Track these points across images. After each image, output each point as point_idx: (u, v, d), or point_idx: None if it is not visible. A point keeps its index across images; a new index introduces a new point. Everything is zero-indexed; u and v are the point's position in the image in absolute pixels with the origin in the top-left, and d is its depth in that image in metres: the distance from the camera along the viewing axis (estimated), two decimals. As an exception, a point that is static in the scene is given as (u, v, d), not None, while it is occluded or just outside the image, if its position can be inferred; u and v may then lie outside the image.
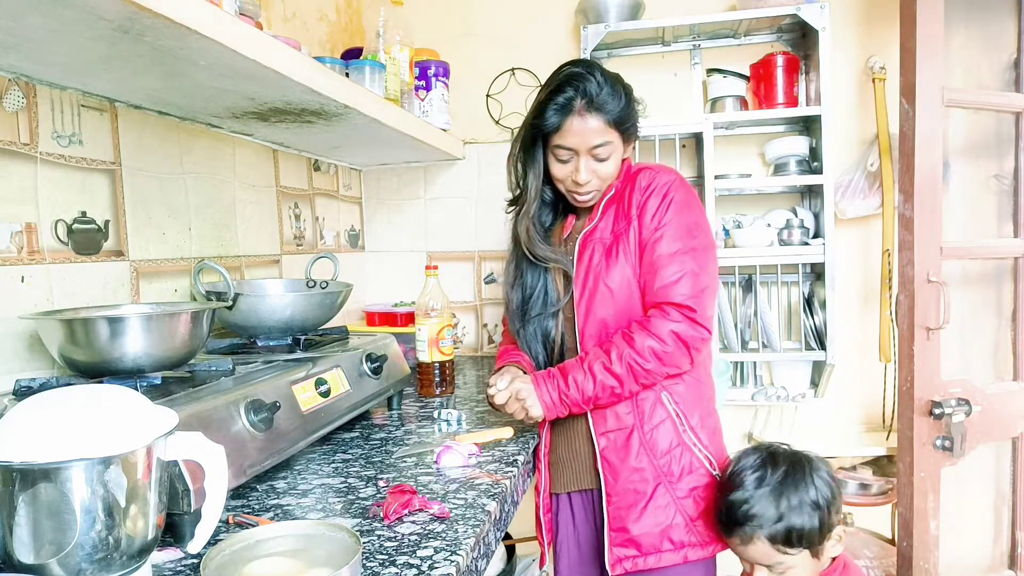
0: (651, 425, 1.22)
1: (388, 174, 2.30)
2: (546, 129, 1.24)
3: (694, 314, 1.17)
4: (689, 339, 1.17)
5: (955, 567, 1.66)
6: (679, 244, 1.20)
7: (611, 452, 1.24)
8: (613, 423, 1.24)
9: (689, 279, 1.18)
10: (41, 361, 1.09)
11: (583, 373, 1.18)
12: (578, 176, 1.24)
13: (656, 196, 1.23)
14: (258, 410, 0.96)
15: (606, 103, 1.21)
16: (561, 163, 1.27)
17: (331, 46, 2.03)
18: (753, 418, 2.08)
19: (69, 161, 1.15)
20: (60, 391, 0.66)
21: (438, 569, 0.74)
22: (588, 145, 1.22)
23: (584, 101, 1.20)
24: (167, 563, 0.78)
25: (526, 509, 1.50)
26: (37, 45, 0.93)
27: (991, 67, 1.72)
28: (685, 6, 1.98)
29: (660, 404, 1.23)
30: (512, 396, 1.20)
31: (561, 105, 1.21)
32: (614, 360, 1.17)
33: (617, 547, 1.22)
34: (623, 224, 1.25)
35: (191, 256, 1.45)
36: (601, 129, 1.22)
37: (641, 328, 1.18)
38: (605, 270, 1.24)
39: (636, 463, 1.22)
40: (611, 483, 1.23)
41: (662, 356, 1.16)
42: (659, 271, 1.19)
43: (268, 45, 1.08)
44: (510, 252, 1.40)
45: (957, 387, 1.52)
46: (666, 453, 1.22)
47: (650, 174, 1.26)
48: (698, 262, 1.20)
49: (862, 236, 2.00)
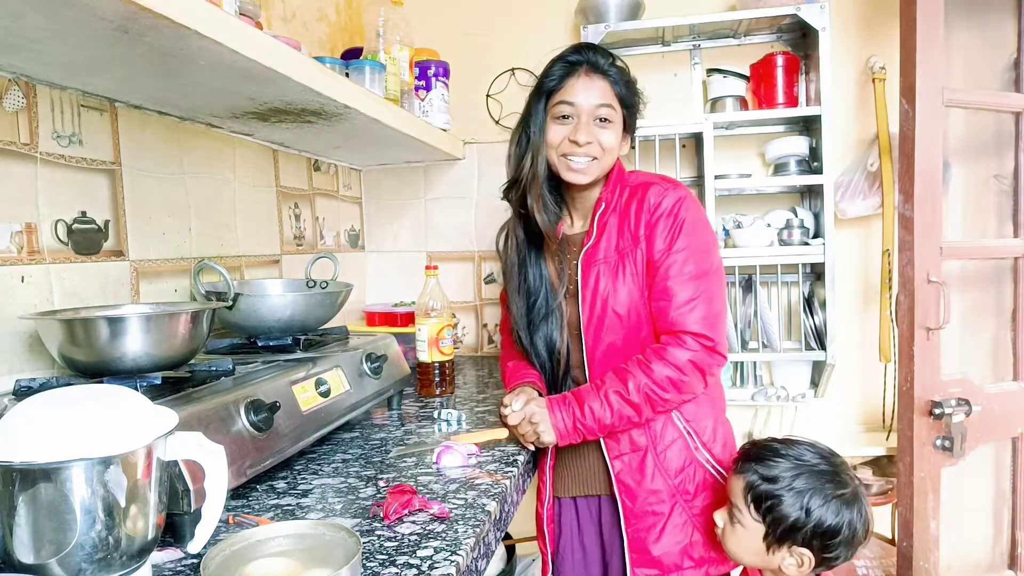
0: (663, 445, 1.22)
1: (388, 174, 2.30)
2: (549, 85, 1.22)
3: (712, 343, 1.16)
4: (706, 367, 1.17)
5: (955, 567, 1.66)
6: (692, 268, 1.17)
7: (627, 475, 1.24)
8: (627, 446, 1.24)
9: (703, 306, 1.16)
10: (41, 361, 1.09)
11: (600, 402, 1.16)
12: (578, 135, 1.19)
13: (667, 218, 1.19)
14: (258, 410, 0.96)
15: (612, 74, 1.21)
16: (560, 124, 1.22)
17: (331, 46, 2.03)
18: (753, 418, 2.08)
19: (69, 161, 1.15)
20: (60, 391, 0.66)
21: (438, 569, 0.74)
22: (591, 104, 1.20)
23: (590, 66, 1.20)
24: (167, 563, 0.78)
25: (526, 509, 1.50)
26: (37, 45, 0.93)
27: (991, 67, 1.72)
28: (685, 6, 1.98)
29: (671, 423, 1.23)
30: (526, 419, 1.19)
31: (569, 63, 1.21)
32: (631, 390, 1.15)
33: (639, 568, 1.23)
34: (628, 243, 1.22)
35: (191, 256, 1.45)
36: (606, 92, 1.20)
37: (658, 357, 1.16)
38: (613, 294, 1.22)
39: (652, 485, 1.22)
40: (629, 506, 1.23)
41: (680, 385, 1.16)
42: (673, 297, 1.17)
43: (268, 45, 1.08)
44: (506, 264, 1.35)
45: (957, 387, 1.52)
46: (680, 472, 1.23)
47: (659, 191, 1.21)
48: (711, 286, 1.18)
49: (862, 236, 2.00)
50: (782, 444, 1.13)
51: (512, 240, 1.33)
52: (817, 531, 1.05)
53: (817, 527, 1.05)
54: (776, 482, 1.07)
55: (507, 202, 1.34)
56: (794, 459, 1.09)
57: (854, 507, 1.06)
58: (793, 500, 1.05)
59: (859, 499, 1.08)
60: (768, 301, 1.99)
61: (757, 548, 1.10)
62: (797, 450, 1.11)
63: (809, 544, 1.06)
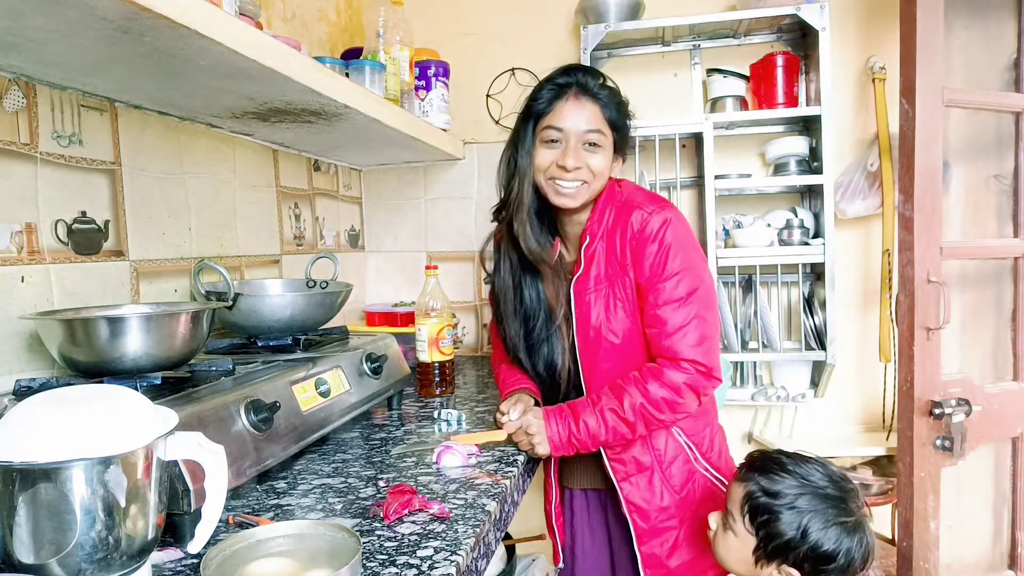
0: (667, 462, 1.23)
1: (388, 174, 2.30)
2: (538, 108, 1.20)
3: (706, 369, 1.16)
4: (701, 388, 1.17)
5: (955, 567, 1.66)
6: (682, 292, 1.16)
7: (637, 496, 1.24)
8: (633, 467, 1.24)
9: (696, 329, 1.16)
10: (41, 361, 1.09)
11: (595, 418, 1.17)
12: (566, 160, 1.17)
13: (652, 243, 1.17)
14: (258, 410, 0.96)
15: (602, 97, 1.19)
16: (548, 149, 1.20)
17: (331, 46, 2.03)
18: (753, 418, 2.08)
19: (69, 161, 1.15)
20: (60, 391, 0.66)
21: (438, 569, 0.74)
22: (580, 129, 1.18)
23: (580, 88, 1.18)
24: (167, 563, 0.78)
25: (526, 509, 1.50)
26: (37, 45, 0.93)
27: (991, 67, 1.72)
28: (685, 6, 1.98)
29: (672, 439, 1.24)
30: (522, 429, 1.19)
31: (558, 86, 1.19)
32: (627, 409, 1.15)
33: None
34: (616, 270, 1.21)
35: (191, 256, 1.44)
36: (596, 117, 1.18)
37: (655, 378, 1.16)
38: (606, 322, 1.21)
39: (662, 503, 1.23)
40: (642, 527, 1.24)
41: (675, 406, 1.16)
42: (665, 324, 1.16)
43: (268, 45, 1.08)
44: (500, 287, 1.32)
45: (957, 387, 1.52)
46: (684, 485, 1.24)
47: (642, 217, 1.18)
48: (702, 307, 1.17)
49: (862, 236, 2.00)
50: (791, 460, 1.08)
51: (506, 262, 1.31)
52: (811, 554, 1.00)
53: (812, 550, 1.00)
54: (777, 497, 1.03)
55: (499, 223, 1.32)
56: (801, 477, 1.04)
57: (855, 536, 1.02)
58: (791, 519, 1.01)
59: (862, 529, 1.03)
60: (768, 301, 1.99)
61: (746, 558, 1.07)
62: (806, 468, 1.06)
63: (800, 565, 1.02)
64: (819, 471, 1.06)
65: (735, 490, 1.09)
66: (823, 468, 1.06)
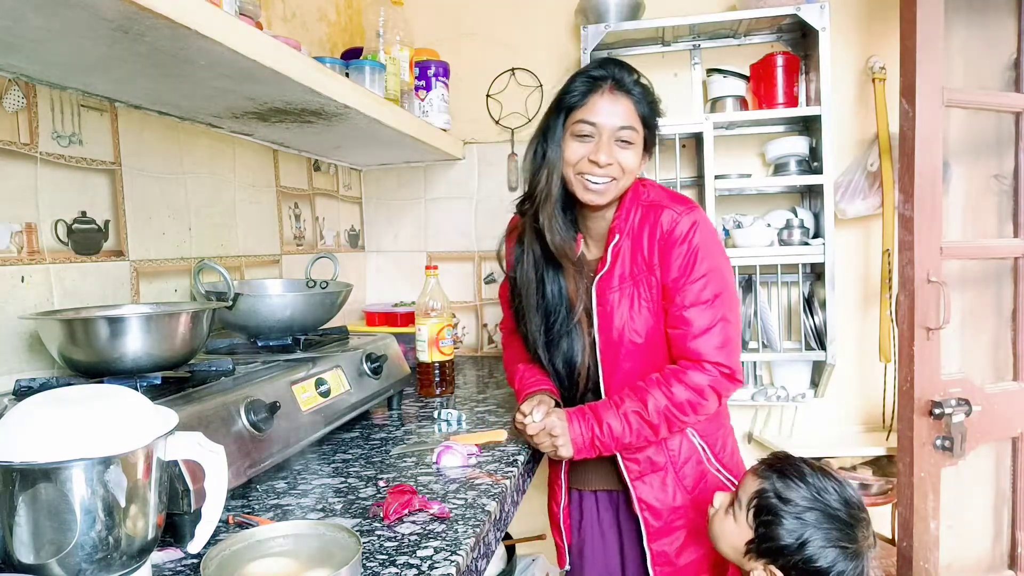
0: (681, 462, 1.24)
1: (388, 174, 2.30)
2: (570, 101, 1.18)
3: (729, 371, 1.16)
4: (724, 390, 1.18)
5: (955, 567, 1.66)
6: (708, 293, 1.17)
7: (650, 496, 1.24)
8: (647, 467, 1.24)
9: (721, 332, 1.16)
10: (41, 361, 1.09)
11: (619, 420, 1.16)
12: (598, 155, 1.15)
13: (681, 244, 1.17)
14: (258, 410, 0.96)
15: (636, 93, 1.18)
16: (579, 143, 1.18)
17: (331, 46, 2.03)
18: (753, 418, 2.08)
19: (69, 161, 1.15)
20: (60, 391, 0.66)
21: (438, 569, 0.74)
22: (613, 126, 1.16)
23: (615, 83, 1.17)
24: (167, 563, 0.78)
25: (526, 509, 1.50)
26: (37, 45, 0.93)
27: (991, 67, 1.72)
28: (685, 6, 1.98)
29: (687, 440, 1.25)
30: (545, 431, 1.18)
31: (592, 79, 1.17)
32: (651, 411, 1.15)
33: None
34: (642, 269, 1.20)
35: (191, 256, 1.45)
36: (629, 113, 1.17)
37: (678, 380, 1.16)
38: (630, 322, 1.21)
39: (675, 502, 1.24)
40: (653, 525, 1.24)
41: (698, 408, 1.16)
42: (691, 325, 1.17)
43: (268, 45, 1.08)
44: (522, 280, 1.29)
45: (957, 387, 1.52)
46: (696, 485, 1.24)
47: (672, 217, 1.18)
48: (727, 308, 1.18)
49: (862, 236, 2.00)
50: (812, 472, 1.05)
51: (529, 255, 1.28)
52: (801, 565, 0.99)
53: (805, 561, 0.99)
54: (787, 503, 1.02)
55: (521, 216, 1.30)
56: (816, 491, 1.02)
57: (852, 563, 1.00)
58: (793, 527, 1.00)
59: (861, 559, 1.01)
60: (768, 301, 1.99)
61: (736, 546, 1.07)
62: (824, 484, 1.03)
63: (787, 571, 1.01)
64: (836, 490, 1.03)
65: (749, 482, 1.09)
66: (841, 489, 1.04)
